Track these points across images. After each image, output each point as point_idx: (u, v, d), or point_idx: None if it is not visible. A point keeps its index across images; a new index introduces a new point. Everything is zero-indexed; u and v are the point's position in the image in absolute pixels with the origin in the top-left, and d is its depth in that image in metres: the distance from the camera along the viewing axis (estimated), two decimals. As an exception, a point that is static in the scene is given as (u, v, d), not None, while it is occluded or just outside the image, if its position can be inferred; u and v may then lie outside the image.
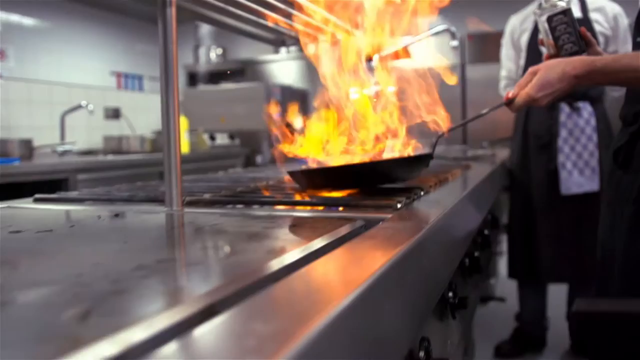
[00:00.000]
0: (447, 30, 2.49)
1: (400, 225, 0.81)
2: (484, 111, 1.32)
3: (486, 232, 1.58)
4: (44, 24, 4.30)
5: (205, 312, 0.44)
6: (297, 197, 1.06)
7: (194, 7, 1.43)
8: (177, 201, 1.06)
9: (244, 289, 0.49)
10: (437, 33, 2.49)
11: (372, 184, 1.12)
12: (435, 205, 1.04)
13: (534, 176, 2.53)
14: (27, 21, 4.20)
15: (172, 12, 1.05)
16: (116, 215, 0.99)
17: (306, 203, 1.00)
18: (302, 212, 0.95)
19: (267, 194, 1.14)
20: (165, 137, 1.07)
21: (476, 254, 1.32)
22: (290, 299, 0.49)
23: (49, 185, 2.80)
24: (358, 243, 0.69)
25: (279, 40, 1.90)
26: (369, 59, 2.15)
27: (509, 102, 1.28)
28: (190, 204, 1.10)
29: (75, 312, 0.41)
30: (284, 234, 0.76)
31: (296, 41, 1.97)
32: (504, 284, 2.96)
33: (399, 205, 0.94)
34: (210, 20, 1.62)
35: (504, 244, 2.81)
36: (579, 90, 2.40)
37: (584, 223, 2.45)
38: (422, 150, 1.22)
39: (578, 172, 2.40)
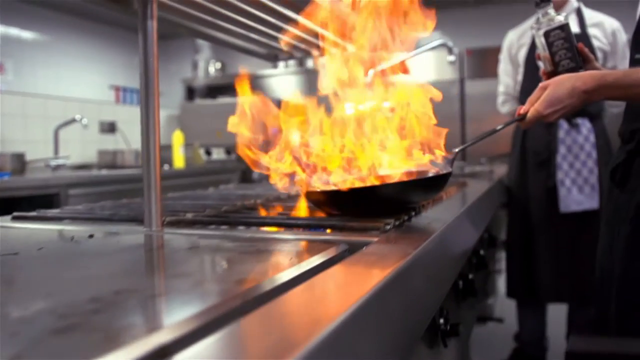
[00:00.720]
0: (444, 45, 2.46)
1: (386, 249, 0.76)
2: (499, 127, 1.29)
3: (482, 252, 1.53)
4: (44, 37, 4.29)
5: (153, 356, 0.39)
6: (281, 219, 1.01)
7: (180, 21, 1.40)
8: (156, 221, 1.02)
9: (204, 326, 0.45)
10: (433, 48, 2.46)
11: (387, 206, 1.06)
12: (427, 226, 1.00)
13: (533, 193, 2.48)
14: (27, 34, 4.19)
15: (153, 25, 1.01)
16: (90, 236, 0.95)
17: (289, 224, 0.96)
18: (284, 234, 0.90)
19: (251, 214, 1.09)
20: (144, 154, 1.03)
21: (470, 276, 1.27)
22: (254, 337, 0.44)
23: (40, 200, 2.76)
24: (336, 272, 0.64)
25: (272, 55, 1.87)
26: (364, 75, 2.12)
27: (522, 118, 1.25)
28: (171, 224, 1.06)
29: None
30: (259, 260, 0.72)
31: (289, 56, 1.94)
32: (503, 303, 2.90)
33: (387, 227, 0.90)
34: (199, 34, 1.59)
35: (502, 262, 2.76)
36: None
37: (583, 241, 2.40)
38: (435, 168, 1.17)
39: (577, 189, 2.36)
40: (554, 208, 2.40)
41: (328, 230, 0.93)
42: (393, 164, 1.19)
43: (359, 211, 1.01)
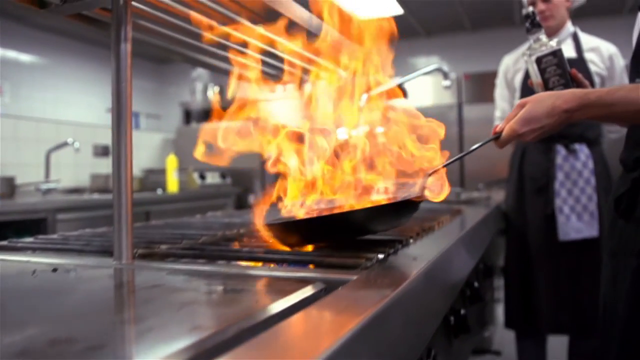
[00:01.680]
0: (439, 70, 2.43)
1: (363, 290, 0.70)
2: (473, 147, 1.22)
3: (476, 284, 1.46)
4: (42, 60, 4.29)
5: None
6: (258, 252, 0.95)
7: (167, 45, 1.36)
8: (126, 254, 0.96)
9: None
10: (428, 72, 2.43)
11: (351, 235, 1.01)
12: (413, 261, 0.94)
13: (531, 221, 2.42)
14: (25, 57, 4.19)
15: (126, 48, 0.97)
16: (54, 270, 0.89)
17: (265, 259, 0.90)
18: (258, 270, 0.85)
19: (228, 246, 1.03)
20: (115, 182, 0.98)
21: (463, 311, 1.21)
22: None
23: (28, 225, 2.70)
24: (306, 316, 0.59)
25: (261, 78, 1.82)
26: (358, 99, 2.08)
27: (496, 137, 1.19)
28: (143, 256, 1.00)
29: None
30: (222, 303, 0.66)
31: (278, 80, 1.90)
32: (501, 334, 2.82)
33: (368, 264, 0.84)
34: (189, 59, 1.55)
35: (500, 291, 2.68)
36: (575, 131, 2.32)
37: (583, 270, 2.33)
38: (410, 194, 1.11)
39: (576, 217, 2.30)
40: (552, 236, 2.33)
41: (311, 266, 0.88)
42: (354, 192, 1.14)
43: (313, 242, 0.96)
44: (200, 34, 1.25)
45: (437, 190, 1.14)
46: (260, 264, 0.90)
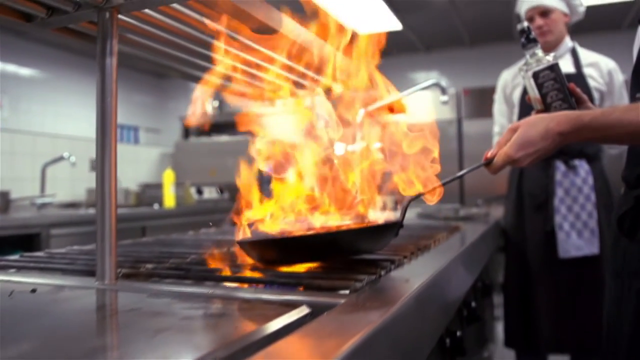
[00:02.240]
0: (436, 85, 2.41)
1: (350, 315, 0.67)
2: (460, 173, 1.19)
3: (473, 304, 1.43)
4: (42, 74, 4.28)
5: None
6: (245, 273, 0.92)
7: (160, 60, 1.34)
8: (109, 274, 0.93)
9: None
10: (426, 88, 2.41)
11: (329, 256, 0.98)
12: (405, 283, 0.90)
13: (530, 238, 2.38)
14: (24, 71, 4.18)
15: (112, 62, 0.94)
16: (33, 290, 0.86)
17: (252, 280, 0.87)
18: (243, 292, 0.81)
19: (214, 266, 1.00)
20: (98, 199, 0.95)
21: (459, 333, 1.17)
22: None
23: (22, 241, 2.67)
24: (288, 344, 0.55)
25: (255, 94, 1.80)
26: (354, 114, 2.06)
27: (488, 163, 1.16)
28: (127, 276, 0.97)
29: None
30: (201, 328, 0.63)
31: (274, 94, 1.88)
32: (502, 353, 2.76)
33: (358, 285, 0.81)
34: (183, 74, 1.53)
35: (500, 309, 2.63)
36: (575, 147, 2.29)
37: (584, 288, 2.29)
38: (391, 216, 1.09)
39: (576, 234, 2.26)
40: (552, 253, 2.29)
41: (300, 288, 0.84)
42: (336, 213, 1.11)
43: (304, 260, 0.93)
44: (191, 48, 1.23)
45: (431, 194, 1.12)
46: (245, 285, 0.87)
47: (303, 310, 0.69)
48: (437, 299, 0.99)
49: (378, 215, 1.17)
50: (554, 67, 1.31)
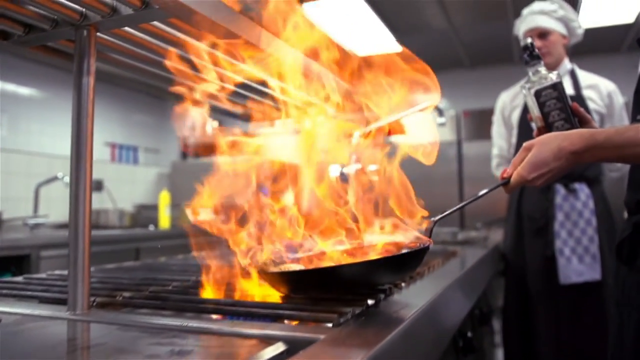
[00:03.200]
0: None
1: (329, 352, 0.62)
2: (482, 193, 1.15)
3: (470, 334, 1.37)
4: (41, 94, 4.26)
5: None
6: (224, 303, 0.87)
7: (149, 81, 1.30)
8: (82, 304, 0.88)
9: None
10: (422, 109, 2.37)
11: (353, 287, 0.92)
12: (394, 315, 0.85)
13: (530, 262, 2.32)
14: (24, 90, 4.16)
15: (89, 81, 0.91)
16: (-2, 321, 0.81)
17: (229, 312, 0.82)
18: (218, 325, 0.76)
19: (194, 295, 0.95)
20: (72, 224, 0.90)
21: (453, 366, 1.11)
22: None
23: (11, 262, 2.62)
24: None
25: (246, 115, 1.77)
26: (349, 136, 2.02)
27: (506, 182, 1.12)
28: (102, 305, 0.92)
29: None
30: (163, 370, 0.57)
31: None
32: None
33: (341, 320, 0.75)
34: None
35: (500, 335, 2.56)
36: (575, 170, 2.25)
37: (585, 315, 2.22)
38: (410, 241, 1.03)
39: (577, 259, 2.20)
40: (553, 278, 2.23)
41: (289, 322, 0.79)
42: (363, 238, 1.06)
43: (315, 293, 0.87)
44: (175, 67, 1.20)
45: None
46: (220, 317, 0.81)
47: (279, 348, 0.64)
48: (429, 332, 0.93)
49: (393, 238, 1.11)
50: (557, 86, 1.26)
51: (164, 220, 3.55)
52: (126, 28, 0.98)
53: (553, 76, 1.30)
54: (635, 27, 4.26)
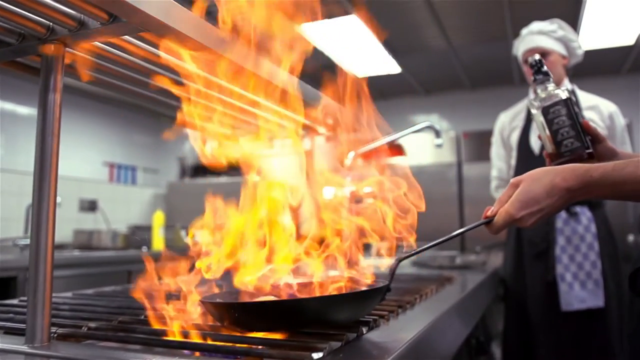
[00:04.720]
0: (430, 128, 2.33)
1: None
2: (455, 232, 1.04)
3: (465, 366, 1.29)
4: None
5: None
6: (192, 337, 0.80)
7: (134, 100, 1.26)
8: (40, 335, 0.82)
9: None
10: (419, 130, 2.33)
11: (301, 325, 0.84)
12: (379, 350, 0.79)
13: (530, 288, 2.25)
14: (22, 110, 4.14)
15: (55, 98, 0.86)
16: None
17: (194, 347, 0.75)
18: (182, 363, 0.70)
19: (163, 327, 0.89)
20: (32, 250, 0.84)
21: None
22: None
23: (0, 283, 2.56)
24: None
25: (238, 135, 1.72)
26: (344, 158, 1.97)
27: (488, 222, 1.01)
28: (63, 337, 0.85)
29: None
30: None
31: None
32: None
33: (314, 357, 0.69)
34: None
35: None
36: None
37: (588, 343, 2.14)
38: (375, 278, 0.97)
39: (579, 285, 2.12)
40: (554, 305, 2.16)
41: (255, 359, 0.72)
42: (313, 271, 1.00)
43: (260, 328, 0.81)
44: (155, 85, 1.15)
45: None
46: (185, 352, 0.75)
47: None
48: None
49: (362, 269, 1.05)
50: (566, 102, 1.19)
51: (158, 242, 3.49)
52: (110, 48, 0.94)
53: (560, 92, 1.23)
54: (636, 49, 4.23)
